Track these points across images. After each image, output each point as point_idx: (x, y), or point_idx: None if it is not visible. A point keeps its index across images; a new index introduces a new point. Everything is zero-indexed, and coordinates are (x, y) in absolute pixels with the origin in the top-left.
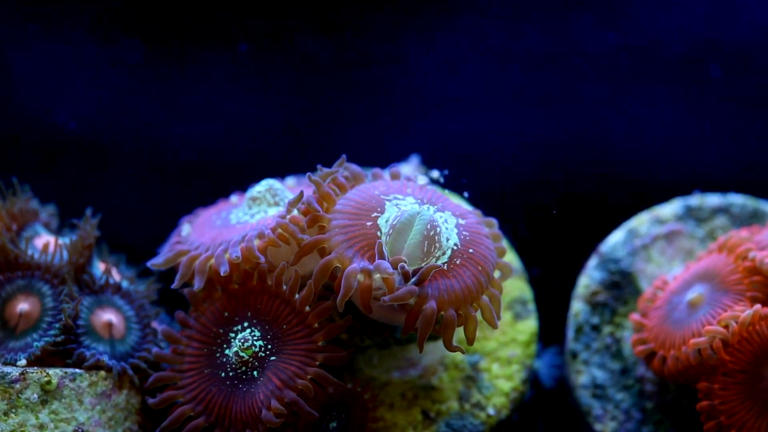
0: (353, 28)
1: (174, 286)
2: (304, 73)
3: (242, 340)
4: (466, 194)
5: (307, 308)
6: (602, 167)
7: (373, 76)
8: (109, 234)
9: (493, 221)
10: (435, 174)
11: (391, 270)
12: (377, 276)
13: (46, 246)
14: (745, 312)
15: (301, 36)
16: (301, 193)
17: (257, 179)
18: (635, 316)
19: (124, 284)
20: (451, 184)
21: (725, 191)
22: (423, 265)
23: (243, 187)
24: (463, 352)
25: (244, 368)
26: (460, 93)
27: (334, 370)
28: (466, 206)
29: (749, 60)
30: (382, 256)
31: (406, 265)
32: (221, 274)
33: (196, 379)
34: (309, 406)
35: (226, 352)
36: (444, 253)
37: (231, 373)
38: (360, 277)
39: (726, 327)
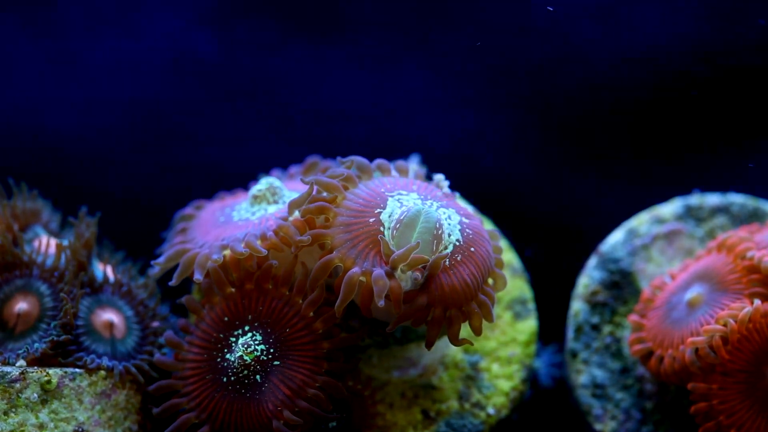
0: None
1: (172, 283)
2: None
3: (244, 345)
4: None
5: (311, 313)
6: None
7: None
8: (109, 232)
9: (497, 233)
10: (440, 177)
11: (385, 285)
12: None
13: (45, 246)
14: (745, 309)
15: None
16: (304, 195)
17: (254, 174)
18: (634, 317)
19: (124, 281)
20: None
21: None
22: (429, 260)
23: (241, 182)
24: (471, 344)
25: (246, 372)
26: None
27: (337, 372)
28: (469, 208)
29: None
30: (387, 253)
31: (415, 273)
32: (216, 261)
33: (198, 385)
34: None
35: (227, 356)
36: (446, 248)
37: (233, 378)
38: (362, 279)
39: (725, 325)
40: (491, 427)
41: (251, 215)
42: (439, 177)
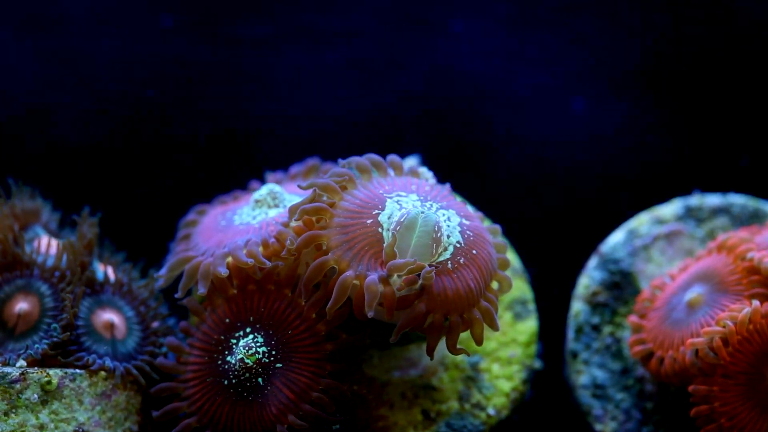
0: None
1: (178, 295)
2: None
3: (246, 347)
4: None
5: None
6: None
7: None
8: (109, 232)
9: (498, 228)
10: (423, 169)
11: (377, 292)
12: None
13: (46, 246)
14: (744, 310)
15: None
16: (306, 200)
17: (254, 175)
18: (633, 318)
19: (124, 281)
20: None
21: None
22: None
23: (242, 182)
24: (468, 354)
25: (247, 375)
26: None
27: (339, 374)
28: (470, 208)
29: None
30: (389, 253)
31: (407, 279)
32: (221, 275)
33: (199, 388)
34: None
35: (228, 359)
36: (446, 249)
37: (234, 381)
38: (355, 282)
39: (725, 327)
40: (491, 427)
41: (252, 219)
42: (422, 170)
